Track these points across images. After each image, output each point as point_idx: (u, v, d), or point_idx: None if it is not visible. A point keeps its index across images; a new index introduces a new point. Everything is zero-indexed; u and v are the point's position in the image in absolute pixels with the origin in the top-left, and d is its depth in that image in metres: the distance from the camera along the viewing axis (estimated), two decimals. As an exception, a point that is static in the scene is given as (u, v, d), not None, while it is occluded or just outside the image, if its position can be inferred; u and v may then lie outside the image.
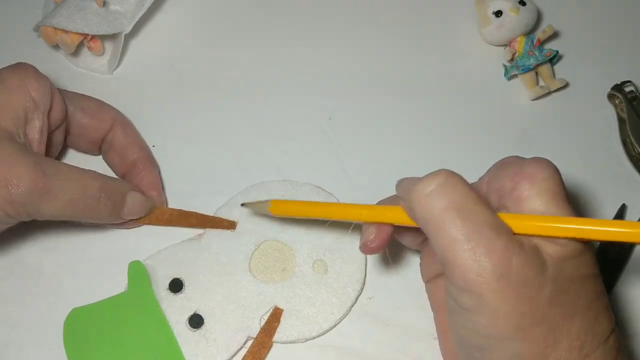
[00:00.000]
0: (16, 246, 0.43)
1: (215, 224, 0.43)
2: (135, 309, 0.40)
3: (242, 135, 0.47)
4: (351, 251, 0.42)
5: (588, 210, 0.45)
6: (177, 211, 0.43)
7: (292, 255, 0.42)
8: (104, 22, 0.47)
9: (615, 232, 0.27)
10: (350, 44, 0.51)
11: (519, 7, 0.49)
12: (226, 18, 0.53)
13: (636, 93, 0.48)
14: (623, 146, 0.48)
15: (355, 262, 0.42)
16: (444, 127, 0.48)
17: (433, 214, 0.29)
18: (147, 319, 0.39)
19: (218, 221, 0.43)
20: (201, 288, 0.41)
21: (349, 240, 0.42)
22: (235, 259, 0.41)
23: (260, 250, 0.42)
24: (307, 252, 0.42)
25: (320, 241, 0.42)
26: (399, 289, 0.42)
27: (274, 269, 0.41)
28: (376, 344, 0.40)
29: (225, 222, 0.43)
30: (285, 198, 0.43)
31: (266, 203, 0.39)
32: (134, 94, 0.49)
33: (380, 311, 0.41)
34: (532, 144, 0.48)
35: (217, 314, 0.40)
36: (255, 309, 0.40)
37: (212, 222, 0.43)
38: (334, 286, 0.41)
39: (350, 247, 0.42)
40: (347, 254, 0.42)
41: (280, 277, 0.41)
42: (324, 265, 0.41)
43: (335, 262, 0.42)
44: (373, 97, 0.49)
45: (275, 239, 0.42)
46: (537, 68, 0.49)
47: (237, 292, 0.41)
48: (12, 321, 0.40)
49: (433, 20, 0.53)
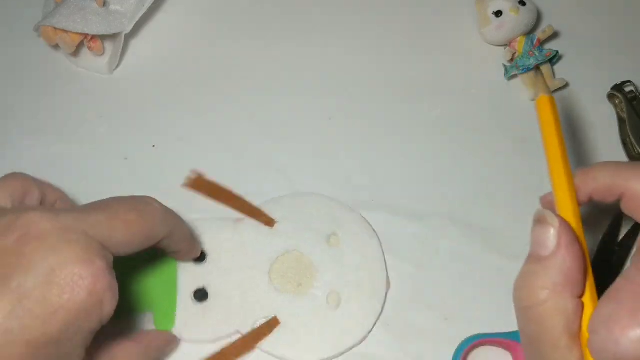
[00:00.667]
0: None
1: (256, 215, 0.42)
2: (154, 259, 0.40)
3: (242, 136, 0.47)
4: (369, 294, 0.41)
5: (588, 211, 0.45)
6: (224, 188, 0.42)
7: (312, 275, 0.41)
8: (104, 22, 0.47)
9: None
10: (351, 44, 0.51)
11: (519, 7, 0.48)
12: (226, 18, 0.53)
13: (636, 93, 0.48)
14: (623, 146, 0.48)
15: (369, 310, 0.41)
16: (444, 127, 0.48)
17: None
18: (162, 272, 0.40)
19: (259, 213, 0.42)
20: (219, 268, 0.41)
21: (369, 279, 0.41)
22: (261, 256, 0.41)
23: (287, 257, 0.42)
24: (328, 279, 0.41)
25: (345, 275, 0.41)
26: (399, 289, 0.42)
27: (291, 280, 0.41)
28: (376, 343, 0.40)
29: (266, 217, 0.42)
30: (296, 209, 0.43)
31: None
32: (134, 94, 0.49)
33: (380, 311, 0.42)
34: (532, 144, 0.48)
35: (222, 297, 0.40)
36: (257, 310, 0.40)
37: (253, 212, 0.42)
38: (338, 326, 0.40)
39: (369, 287, 0.41)
40: (366, 297, 0.41)
41: (294, 291, 0.41)
42: (338, 299, 0.41)
43: (351, 301, 0.41)
44: (373, 97, 0.49)
45: (304, 253, 0.42)
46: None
47: (248, 287, 0.41)
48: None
49: (433, 20, 0.53)
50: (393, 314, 0.41)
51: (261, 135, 0.48)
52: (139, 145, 0.47)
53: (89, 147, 0.47)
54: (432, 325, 0.41)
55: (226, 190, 0.42)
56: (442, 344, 0.40)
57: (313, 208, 0.44)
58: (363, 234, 0.43)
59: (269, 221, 0.43)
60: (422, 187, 0.46)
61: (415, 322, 0.41)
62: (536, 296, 0.24)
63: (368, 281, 0.41)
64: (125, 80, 0.50)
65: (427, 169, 0.46)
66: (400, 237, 0.44)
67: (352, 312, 0.40)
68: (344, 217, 0.43)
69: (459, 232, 0.44)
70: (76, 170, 0.46)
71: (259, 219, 0.42)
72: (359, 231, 0.43)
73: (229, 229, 0.42)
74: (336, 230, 0.43)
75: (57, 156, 0.46)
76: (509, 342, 0.40)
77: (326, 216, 0.43)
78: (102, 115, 0.48)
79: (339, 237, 0.42)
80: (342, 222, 0.43)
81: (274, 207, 0.43)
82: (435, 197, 0.45)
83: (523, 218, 0.45)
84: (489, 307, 0.42)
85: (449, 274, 0.43)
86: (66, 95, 0.49)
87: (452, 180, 0.46)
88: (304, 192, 0.45)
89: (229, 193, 0.42)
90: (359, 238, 0.43)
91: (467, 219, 0.44)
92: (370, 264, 0.42)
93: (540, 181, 0.46)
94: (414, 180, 0.46)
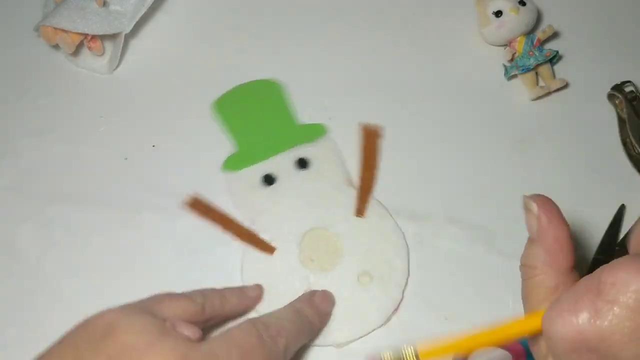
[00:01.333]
0: (16, 246, 0.43)
1: (254, 242, 0.43)
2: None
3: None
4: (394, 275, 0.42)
5: (588, 211, 0.45)
6: (222, 212, 0.43)
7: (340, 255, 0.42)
8: (104, 22, 0.47)
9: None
10: (351, 44, 0.51)
11: (519, 7, 0.48)
12: (226, 18, 0.53)
13: (636, 93, 0.48)
14: (623, 146, 0.48)
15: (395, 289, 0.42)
16: (444, 127, 0.48)
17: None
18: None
19: (257, 240, 0.43)
20: (283, 199, 0.44)
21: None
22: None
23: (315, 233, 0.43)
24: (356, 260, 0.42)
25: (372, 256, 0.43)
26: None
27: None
28: (376, 344, 0.40)
29: (264, 243, 0.43)
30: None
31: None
32: (134, 94, 0.49)
33: (380, 311, 0.42)
34: (532, 144, 0.48)
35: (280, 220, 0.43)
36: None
37: (251, 239, 0.43)
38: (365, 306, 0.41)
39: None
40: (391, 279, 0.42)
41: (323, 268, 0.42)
42: (370, 278, 0.42)
43: (380, 281, 0.41)
44: (373, 97, 0.49)
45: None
46: (537, 68, 0.49)
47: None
48: (12, 321, 0.40)
49: (433, 20, 0.53)
50: (393, 314, 0.41)
51: (261, 135, 0.48)
52: (139, 145, 0.47)
53: (89, 147, 0.47)
54: (432, 325, 0.41)
55: (224, 215, 0.43)
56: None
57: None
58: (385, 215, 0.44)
59: (268, 248, 0.42)
60: (422, 187, 0.46)
61: (415, 322, 0.41)
62: (526, 272, 0.29)
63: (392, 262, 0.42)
64: (125, 80, 0.50)
65: (426, 169, 0.46)
66: (400, 237, 0.44)
67: (378, 293, 0.41)
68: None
69: (459, 232, 0.44)
70: (76, 170, 0.46)
71: (257, 245, 0.42)
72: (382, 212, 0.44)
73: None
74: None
75: (57, 156, 0.46)
76: (509, 342, 0.40)
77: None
78: (102, 115, 0.48)
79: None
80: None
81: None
82: (435, 197, 0.45)
83: (523, 218, 0.45)
84: (489, 307, 0.42)
85: (449, 274, 0.43)
86: (66, 95, 0.49)
87: (452, 180, 0.46)
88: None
89: (226, 218, 0.43)
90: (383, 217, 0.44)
91: (467, 219, 0.44)
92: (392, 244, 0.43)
93: (540, 181, 0.46)
94: (413, 180, 0.46)
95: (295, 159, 0.45)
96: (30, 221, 0.44)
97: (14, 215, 0.44)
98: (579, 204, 0.45)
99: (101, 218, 0.44)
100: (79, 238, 0.43)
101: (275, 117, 0.47)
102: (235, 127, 0.47)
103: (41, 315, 0.41)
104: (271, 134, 0.47)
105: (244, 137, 0.47)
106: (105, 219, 0.44)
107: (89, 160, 0.46)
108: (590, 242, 0.44)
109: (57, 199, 0.45)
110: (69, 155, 0.46)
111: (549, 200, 0.29)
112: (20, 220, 0.44)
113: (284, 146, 0.46)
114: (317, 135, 0.47)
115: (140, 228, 0.43)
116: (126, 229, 0.43)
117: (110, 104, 0.48)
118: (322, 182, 0.45)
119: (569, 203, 0.45)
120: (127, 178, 0.45)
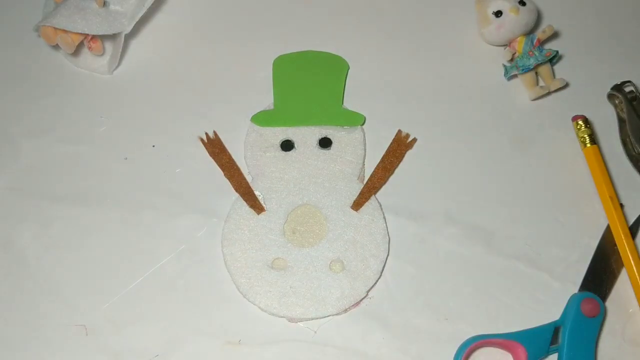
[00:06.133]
0: (16, 246, 0.43)
1: (248, 198, 0.44)
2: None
3: (243, 135, 0.47)
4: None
5: (588, 211, 0.45)
6: (231, 160, 0.46)
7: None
8: (104, 22, 0.47)
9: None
10: (351, 45, 0.51)
11: (519, 7, 0.48)
12: (226, 18, 0.53)
13: (636, 93, 0.48)
14: (623, 146, 0.48)
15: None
16: (444, 127, 0.48)
17: None
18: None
19: (252, 197, 0.44)
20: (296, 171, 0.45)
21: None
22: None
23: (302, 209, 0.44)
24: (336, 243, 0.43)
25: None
26: (399, 289, 0.42)
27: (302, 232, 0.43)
28: (376, 344, 0.40)
29: (256, 202, 0.44)
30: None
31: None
32: (134, 94, 0.49)
33: (380, 311, 0.42)
34: (532, 144, 0.48)
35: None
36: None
37: (247, 194, 0.44)
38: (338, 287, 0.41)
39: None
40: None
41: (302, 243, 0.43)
42: (342, 265, 0.42)
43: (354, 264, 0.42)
44: (372, 96, 0.49)
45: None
46: (537, 68, 0.49)
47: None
48: (12, 321, 0.40)
49: (433, 20, 0.53)
50: (393, 314, 0.41)
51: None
52: (139, 145, 0.47)
53: (89, 147, 0.47)
54: (432, 325, 0.41)
55: (232, 161, 0.45)
56: (442, 344, 0.40)
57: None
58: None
59: (259, 207, 0.44)
60: (422, 187, 0.46)
61: (415, 322, 0.41)
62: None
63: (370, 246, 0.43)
64: (125, 80, 0.50)
65: (426, 169, 0.46)
66: (401, 237, 0.44)
67: (344, 284, 0.42)
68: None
69: (459, 232, 0.44)
70: (76, 170, 0.46)
71: (249, 201, 0.44)
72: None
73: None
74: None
75: (57, 156, 0.46)
76: (509, 343, 0.40)
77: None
78: (102, 115, 0.48)
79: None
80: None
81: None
82: (435, 197, 0.45)
83: (523, 218, 0.45)
84: (489, 307, 0.42)
85: (449, 274, 0.43)
86: (66, 95, 0.49)
87: (452, 180, 0.46)
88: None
89: (233, 165, 0.45)
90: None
91: (467, 219, 0.44)
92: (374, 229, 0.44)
93: (540, 181, 0.46)
94: (413, 180, 0.46)
95: (320, 137, 0.46)
96: (30, 221, 0.44)
97: (14, 215, 0.44)
98: (579, 203, 0.45)
99: (101, 218, 0.44)
100: (79, 238, 0.43)
101: (325, 92, 0.48)
102: (282, 86, 0.48)
103: (41, 315, 0.41)
104: (312, 105, 0.47)
105: (285, 98, 0.48)
106: (105, 219, 0.44)
107: (89, 160, 0.46)
108: (590, 242, 0.44)
109: (57, 199, 0.45)
110: (69, 155, 0.46)
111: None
112: (20, 220, 0.44)
113: (316, 120, 0.47)
114: (352, 122, 0.47)
115: (140, 228, 0.43)
116: (126, 229, 0.43)
117: (110, 104, 0.48)
118: (335, 167, 0.45)
119: (569, 203, 0.46)
120: (127, 178, 0.45)
